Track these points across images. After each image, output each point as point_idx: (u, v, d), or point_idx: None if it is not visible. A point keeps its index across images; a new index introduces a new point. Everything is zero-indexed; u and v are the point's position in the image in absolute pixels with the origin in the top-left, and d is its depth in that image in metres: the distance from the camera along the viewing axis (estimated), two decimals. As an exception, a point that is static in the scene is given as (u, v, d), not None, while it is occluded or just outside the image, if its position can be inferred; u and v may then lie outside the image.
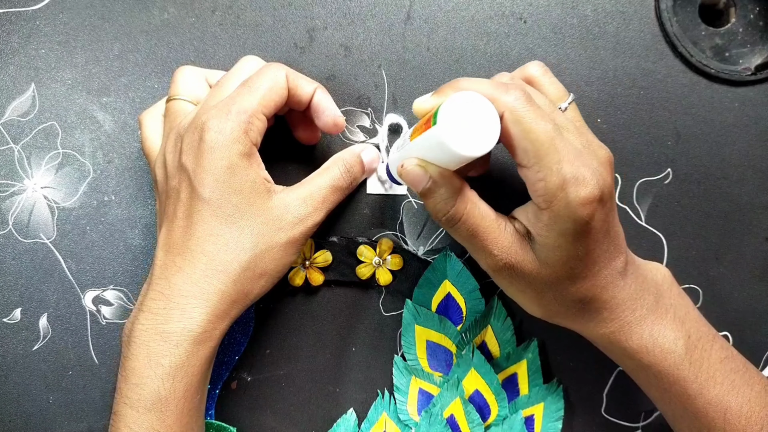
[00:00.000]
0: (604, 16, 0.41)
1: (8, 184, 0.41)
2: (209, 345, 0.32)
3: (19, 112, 0.41)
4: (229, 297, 0.33)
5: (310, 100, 0.36)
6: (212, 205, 0.32)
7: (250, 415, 0.41)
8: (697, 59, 0.40)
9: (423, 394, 0.41)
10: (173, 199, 0.33)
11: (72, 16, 0.41)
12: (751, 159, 0.41)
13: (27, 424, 0.41)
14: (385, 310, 0.41)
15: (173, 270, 0.32)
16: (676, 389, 0.32)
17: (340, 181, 0.36)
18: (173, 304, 0.32)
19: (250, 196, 0.33)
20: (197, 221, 0.32)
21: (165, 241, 0.33)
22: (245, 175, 0.33)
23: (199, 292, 0.32)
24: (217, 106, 0.33)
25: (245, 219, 0.33)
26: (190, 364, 0.32)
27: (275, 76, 0.34)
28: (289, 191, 0.35)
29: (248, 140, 0.33)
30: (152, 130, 0.37)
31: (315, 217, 0.35)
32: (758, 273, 0.41)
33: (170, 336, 0.31)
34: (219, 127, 0.32)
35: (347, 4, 0.41)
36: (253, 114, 0.33)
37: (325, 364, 0.41)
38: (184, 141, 0.33)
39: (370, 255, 0.40)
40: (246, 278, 0.33)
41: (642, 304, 0.33)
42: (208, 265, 0.32)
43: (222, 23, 0.41)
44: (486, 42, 0.41)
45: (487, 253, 0.32)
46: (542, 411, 0.40)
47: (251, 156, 0.33)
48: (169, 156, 0.34)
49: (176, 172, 0.33)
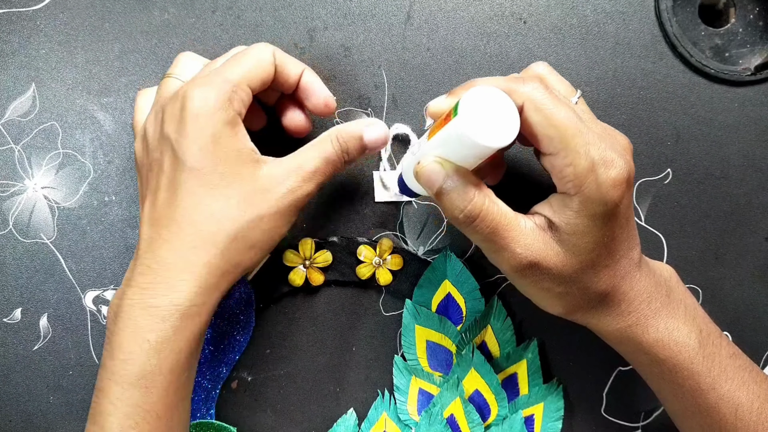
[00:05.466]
0: (604, 16, 0.41)
1: (9, 184, 0.41)
2: (198, 320, 0.32)
3: (19, 112, 0.41)
4: (218, 269, 0.32)
5: (299, 81, 0.36)
6: (197, 174, 0.31)
7: (250, 415, 0.41)
8: (697, 59, 0.40)
9: (423, 394, 0.41)
10: (155, 171, 0.33)
11: (72, 16, 0.41)
12: (751, 159, 0.41)
13: (27, 424, 0.41)
14: (385, 310, 0.41)
15: (159, 243, 0.32)
16: (689, 384, 0.32)
17: (333, 155, 0.34)
18: (160, 278, 0.31)
19: (236, 164, 0.32)
20: (182, 191, 0.31)
21: (149, 215, 0.32)
22: (230, 143, 0.32)
23: (186, 264, 0.31)
24: (200, 76, 0.33)
25: (232, 188, 0.32)
26: (177, 339, 0.31)
27: (261, 52, 0.34)
28: (279, 162, 0.34)
29: (232, 109, 0.32)
30: (143, 108, 0.36)
31: (305, 188, 0.33)
32: (758, 273, 0.41)
33: (157, 310, 0.30)
34: (202, 95, 0.31)
35: (347, 5, 0.41)
36: (237, 84, 0.32)
37: (325, 364, 0.41)
38: (165, 111, 0.32)
39: (370, 255, 0.40)
40: (234, 249, 0.32)
41: (656, 297, 0.33)
42: (195, 236, 0.31)
43: (222, 23, 0.41)
44: (486, 42, 0.41)
45: (509, 252, 0.30)
46: (542, 411, 0.40)
47: (235, 125, 0.32)
48: (150, 128, 0.33)
49: (158, 143, 0.33)
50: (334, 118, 0.41)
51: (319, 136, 0.35)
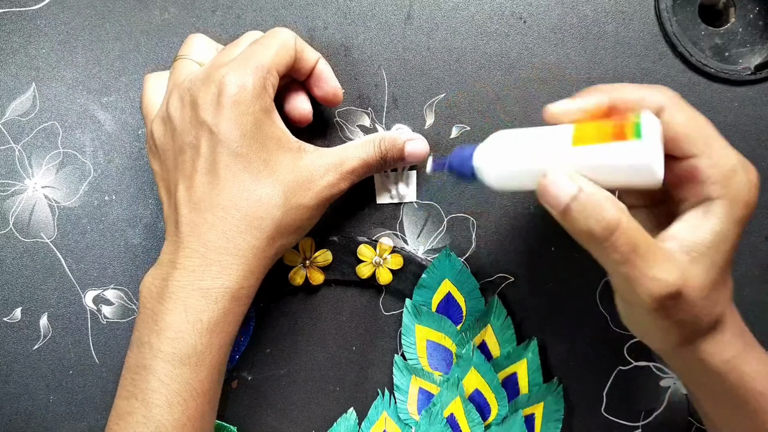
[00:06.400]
0: (604, 15, 0.41)
1: (9, 183, 0.41)
2: (245, 301, 0.33)
3: (19, 112, 0.41)
4: (263, 252, 0.33)
5: (313, 67, 0.36)
6: (242, 160, 0.32)
7: (250, 414, 0.41)
8: (697, 59, 0.40)
9: (423, 393, 0.41)
10: (190, 154, 0.33)
11: (73, 16, 0.41)
12: (751, 158, 0.40)
13: (28, 424, 0.41)
14: (385, 310, 0.41)
15: (205, 227, 0.32)
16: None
17: (372, 159, 0.36)
18: (209, 261, 0.32)
19: (278, 152, 0.33)
20: (226, 176, 0.32)
21: (188, 198, 0.32)
22: (270, 130, 0.33)
23: (235, 248, 0.32)
24: (233, 61, 0.32)
25: (276, 175, 0.33)
26: (227, 321, 0.32)
27: (285, 36, 0.34)
28: (322, 154, 0.34)
29: (267, 95, 0.33)
30: (154, 91, 0.36)
31: (342, 185, 0.35)
32: (758, 273, 0.41)
33: (209, 292, 0.31)
34: (240, 81, 0.32)
35: (347, 4, 0.41)
36: (269, 70, 0.33)
37: (326, 364, 0.41)
38: (199, 96, 0.32)
39: (370, 254, 0.40)
40: (278, 234, 0.33)
41: (743, 326, 0.31)
42: (242, 220, 0.32)
43: (222, 23, 0.41)
44: (486, 42, 0.41)
45: (650, 278, 0.26)
46: (542, 410, 0.40)
47: (272, 111, 0.33)
48: (175, 112, 0.33)
49: (191, 127, 0.32)
50: (334, 117, 0.41)
51: (362, 138, 0.36)
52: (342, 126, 0.41)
